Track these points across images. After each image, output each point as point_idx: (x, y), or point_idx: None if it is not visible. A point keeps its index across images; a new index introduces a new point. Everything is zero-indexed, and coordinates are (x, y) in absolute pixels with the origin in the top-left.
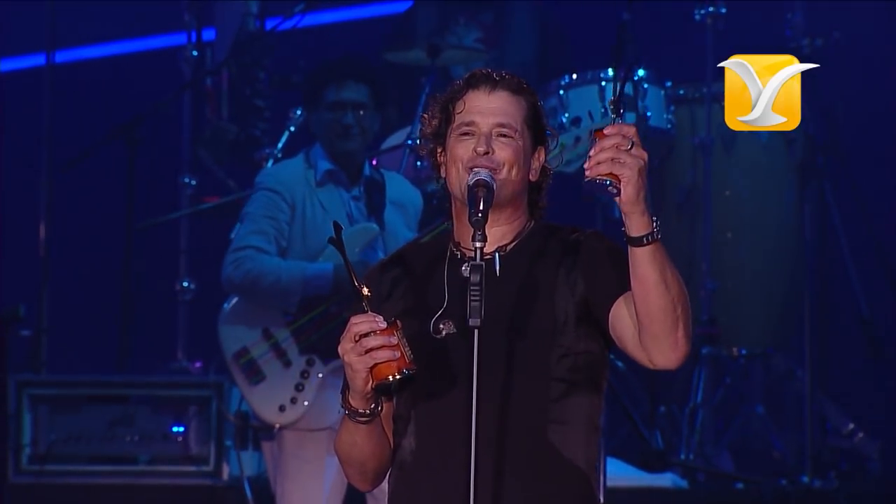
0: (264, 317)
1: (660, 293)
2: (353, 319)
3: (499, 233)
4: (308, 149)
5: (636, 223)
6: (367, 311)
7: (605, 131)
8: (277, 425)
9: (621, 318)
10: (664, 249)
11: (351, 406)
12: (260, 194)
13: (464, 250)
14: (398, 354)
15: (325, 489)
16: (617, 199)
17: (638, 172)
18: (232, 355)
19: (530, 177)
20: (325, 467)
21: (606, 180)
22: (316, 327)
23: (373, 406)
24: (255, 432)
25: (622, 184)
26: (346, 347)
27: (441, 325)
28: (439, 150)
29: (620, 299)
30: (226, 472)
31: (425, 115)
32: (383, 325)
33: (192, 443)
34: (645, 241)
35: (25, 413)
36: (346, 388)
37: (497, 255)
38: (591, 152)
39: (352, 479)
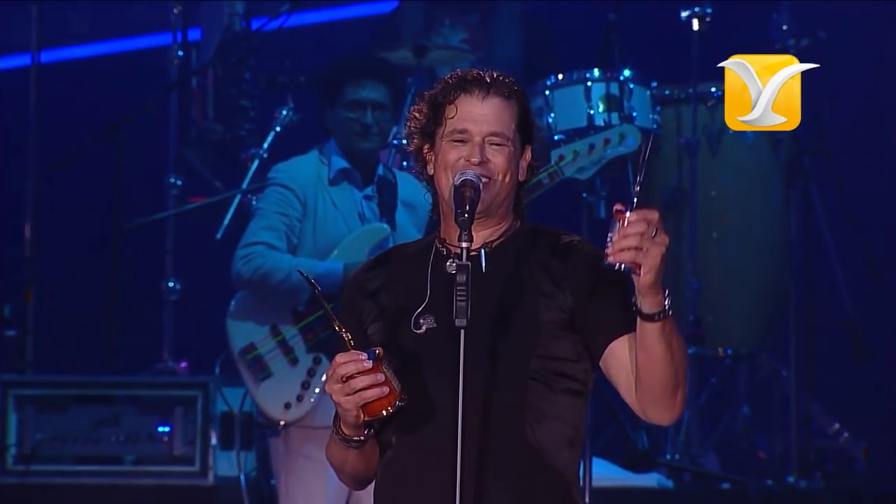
0: (272, 313)
1: (665, 364)
2: (338, 359)
3: (486, 233)
4: (321, 145)
5: (649, 302)
6: (349, 350)
7: (629, 217)
8: (282, 422)
9: (618, 361)
10: (673, 321)
11: (344, 434)
12: (272, 190)
13: (449, 247)
14: (387, 390)
15: (329, 487)
16: (635, 278)
17: (661, 260)
18: (239, 351)
19: (519, 177)
20: (325, 464)
21: (626, 267)
22: (324, 325)
23: (366, 432)
24: (245, 433)
25: (643, 271)
26: (333, 388)
27: (421, 321)
28: (426, 147)
29: (619, 341)
30: (211, 472)
31: (413, 110)
32: (368, 363)
33: (177, 443)
34: (656, 318)
35: (11, 413)
36: (337, 417)
37: (483, 251)
38: (615, 236)
39: (343, 481)
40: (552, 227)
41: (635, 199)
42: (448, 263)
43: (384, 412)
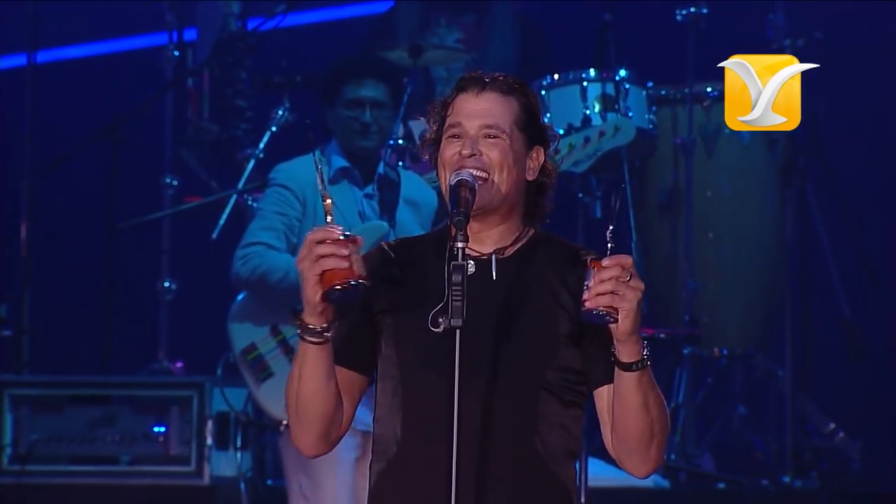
0: (272, 313)
1: (640, 416)
2: (312, 229)
3: (496, 234)
4: (323, 145)
5: (628, 351)
6: (329, 223)
7: (604, 263)
8: (284, 422)
9: (603, 402)
10: (650, 373)
11: (303, 321)
12: (271, 190)
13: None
14: (347, 265)
15: (336, 487)
16: (613, 327)
17: (637, 305)
18: (240, 351)
19: (527, 176)
20: (336, 464)
21: (604, 312)
22: None
23: (324, 325)
24: (243, 433)
25: (621, 316)
26: (301, 255)
27: (440, 319)
28: (437, 153)
29: (608, 387)
30: (207, 472)
31: (427, 122)
32: (339, 235)
33: (173, 443)
34: (634, 368)
35: (7, 413)
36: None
37: (494, 257)
38: (590, 283)
39: (295, 434)
40: (570, 241)
41: (609, 245)
42: (468, 264)
43: (338, 285)
